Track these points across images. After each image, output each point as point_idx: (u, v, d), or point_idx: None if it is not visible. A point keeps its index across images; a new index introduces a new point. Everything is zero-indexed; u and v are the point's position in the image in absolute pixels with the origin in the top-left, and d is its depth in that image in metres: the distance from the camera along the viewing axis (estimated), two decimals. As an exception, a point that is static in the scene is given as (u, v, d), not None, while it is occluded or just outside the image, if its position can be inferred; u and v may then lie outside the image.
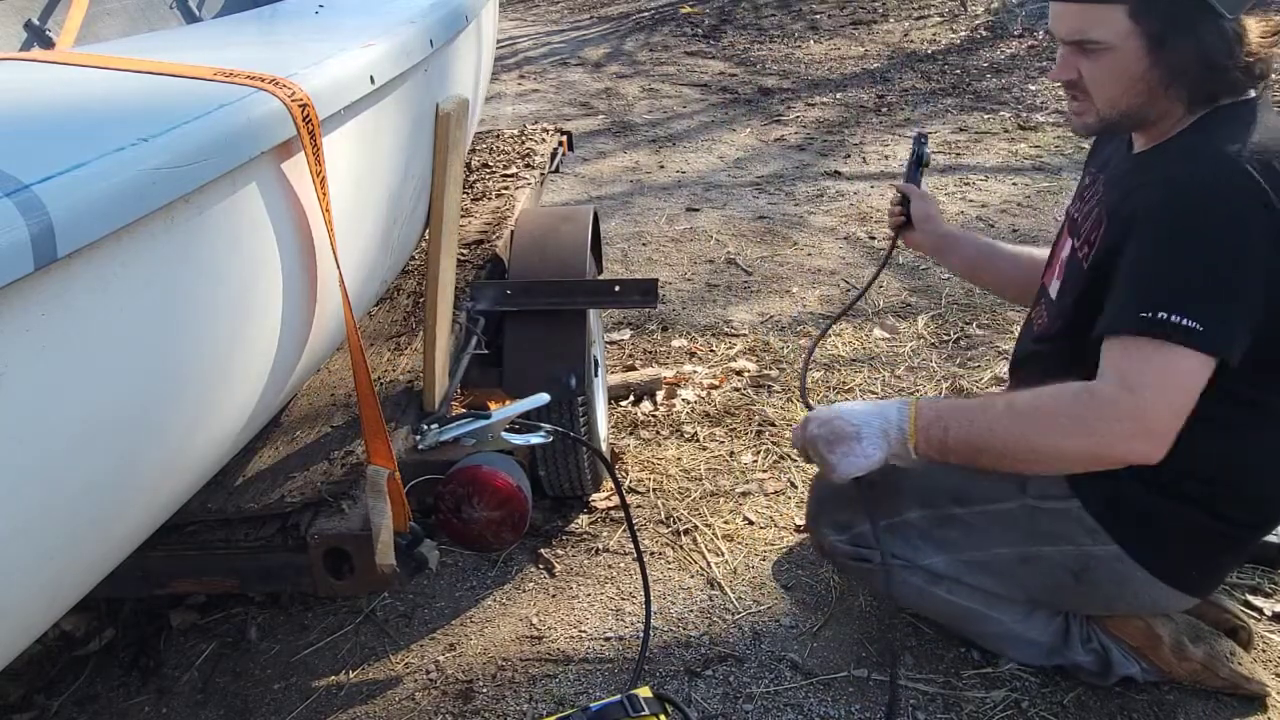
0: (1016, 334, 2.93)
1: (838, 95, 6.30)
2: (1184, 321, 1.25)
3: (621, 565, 2.04)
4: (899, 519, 1.59)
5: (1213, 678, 1.58)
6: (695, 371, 2.84)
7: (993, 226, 3.90)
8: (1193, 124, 1.40)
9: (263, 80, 1.14)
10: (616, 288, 2.02)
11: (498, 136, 3.21)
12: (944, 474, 1.54)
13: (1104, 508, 1.48)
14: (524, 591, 1.99)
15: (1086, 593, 1.54)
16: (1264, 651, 1.70)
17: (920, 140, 2.01)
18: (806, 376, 2.12)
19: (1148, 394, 1.28)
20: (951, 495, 1.56)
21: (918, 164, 2.01)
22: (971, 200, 4.24)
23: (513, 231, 2.24)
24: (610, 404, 2.62)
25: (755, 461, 2.38)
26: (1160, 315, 1.27)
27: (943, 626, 1.75)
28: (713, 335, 3.09)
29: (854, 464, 1.46)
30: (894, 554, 1.57)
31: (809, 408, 1.64)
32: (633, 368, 2.87)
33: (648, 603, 1.81)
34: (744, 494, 2.25)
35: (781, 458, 2.38)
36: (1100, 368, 1.33)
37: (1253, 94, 1.39)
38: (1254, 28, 1.33)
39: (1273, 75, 1.40)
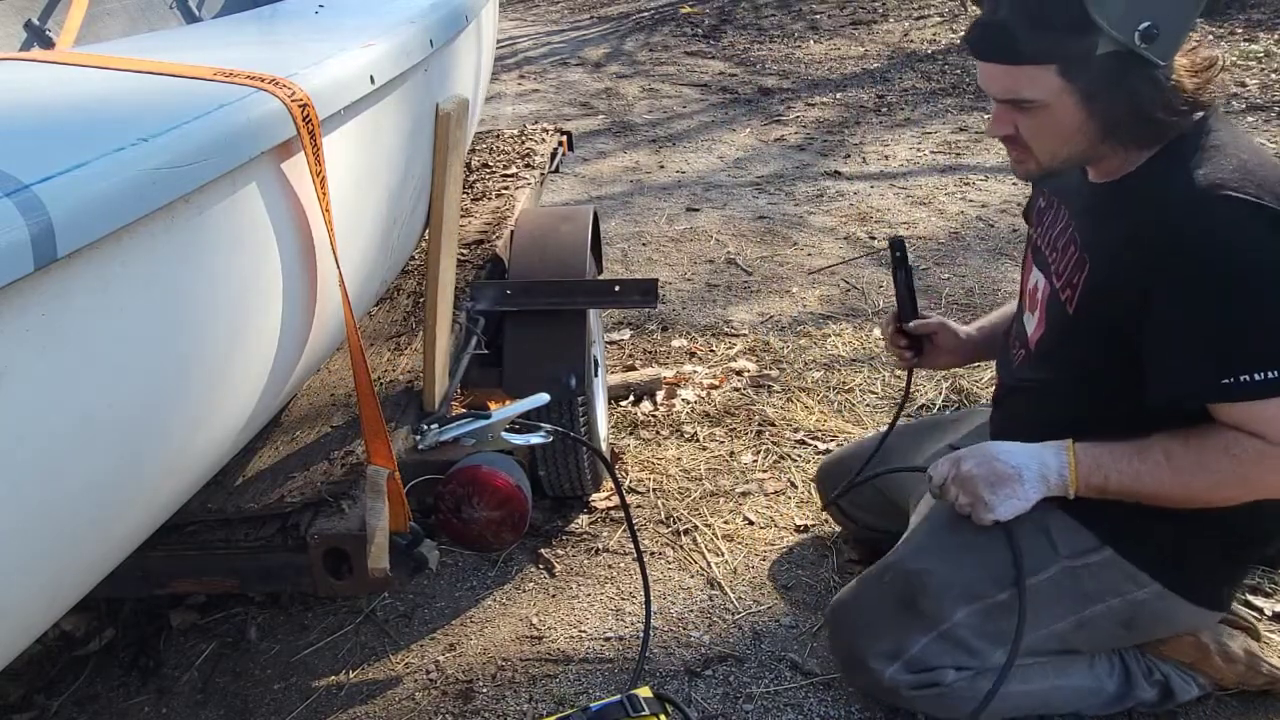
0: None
1: (838, 95, 6.30)
2: (1272, 374, 1.25)
3: (621, 565, 2.04)
4: (947, 625, 1.47)
5: (1256, 676, 1.59)
6: (695, 371, 2.84)
7: (993, 226, 3.90)
8: (1160, 157, 1.37)
9: (263, 80, 1.14)
10: (616, 288, 2.02)
11: (498, 136, 3.21)
12: (975, 561, 1.48)
13: (1139, 550, 1.46)
14: (524, 591, 1.99)
15: (1136, 637, 1.54)
16: (1265, 650, 1.71)
17: (897, 248, 1.80)
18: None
19: None
20: (992, 580, 1.47)
21: (907, 281, 1.80)
22: (971, 200, 4.24)
23: (513, 231, 2.24)
24: (610, 404, 2.62)
25: (755, 461, 2.38)
26: (1257, 376, 1.25)
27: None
28: (713, 335, 3.09)
29: (1015, 506, 1.44)
30: (958, 665, 1.48)
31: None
32: (633, 368, 2.88)
33: (648, 603, 1.81)
34: (744, 494, 2.25)
35: (781, 458, 2.38)
36: (1225, 424, 1.32)
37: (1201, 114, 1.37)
38: (1184, 67, 1.31)
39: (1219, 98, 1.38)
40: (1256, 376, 1.25)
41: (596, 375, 2.28)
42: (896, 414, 1.90)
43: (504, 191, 2.60)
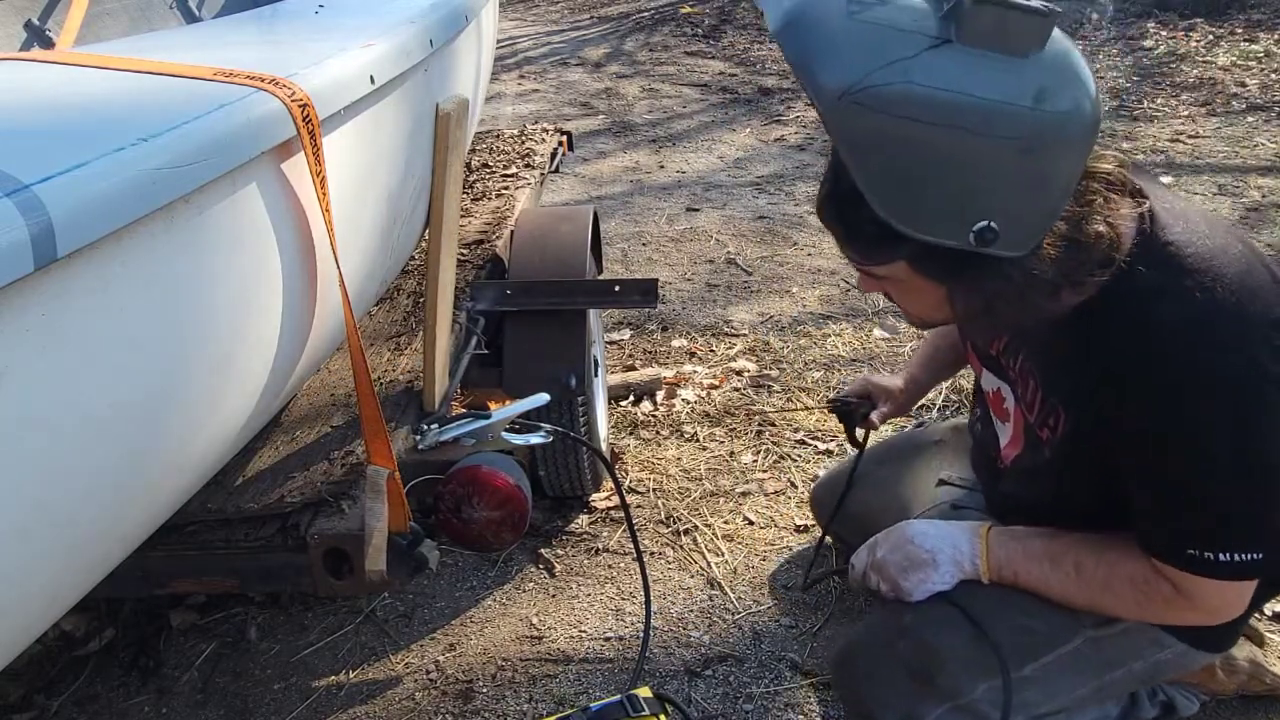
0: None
1: (838, 95, 6.29)
2: (1237, 557, 1.17)
3: (621, 565, 2.04)
4: (965, 700, 1.37)
5: (1258, 684, 1.59)
6: (695, 371, 2.84)
7: (993, 226, 3.90)
8: (1120, 284, 1.18)
9: (263, 80, 1.14)
10: (616, 288, 2.02)
11: (498, 136, 3.21)
12: (1002, 629, 1.38)
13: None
14: (524, 591, 1.99)
15: (1150, 684, 1.53)
16: (1269, 658, 1.70)
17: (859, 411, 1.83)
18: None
19: (1211, 605, 1.25)
20: (1014, 653, 1.38)
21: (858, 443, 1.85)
22: (971, 200, 4.23)
23: (513, 231, 2.24)
24: (610, 404, 2.62)
25: (755, 461, 2.38)
26: (1207, 555, 1.18)
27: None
28: (713, 335, 3.09)
29: (929, 590, 1.40)
30: None
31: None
32: (633, 368, 2.88)
33: (648, 603, 1.81)
34: (744, 494, 2.25)
35: (781, 458, 2.38)
36: (1158, 560, 1.25)
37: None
38: (1064, 239, 1.12)
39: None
40: (1225, 557, 1.17)
41: (596, 375, 2.28)
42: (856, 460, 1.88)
43: (504, 191, 2.60)
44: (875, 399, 1.87)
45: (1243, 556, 1.17)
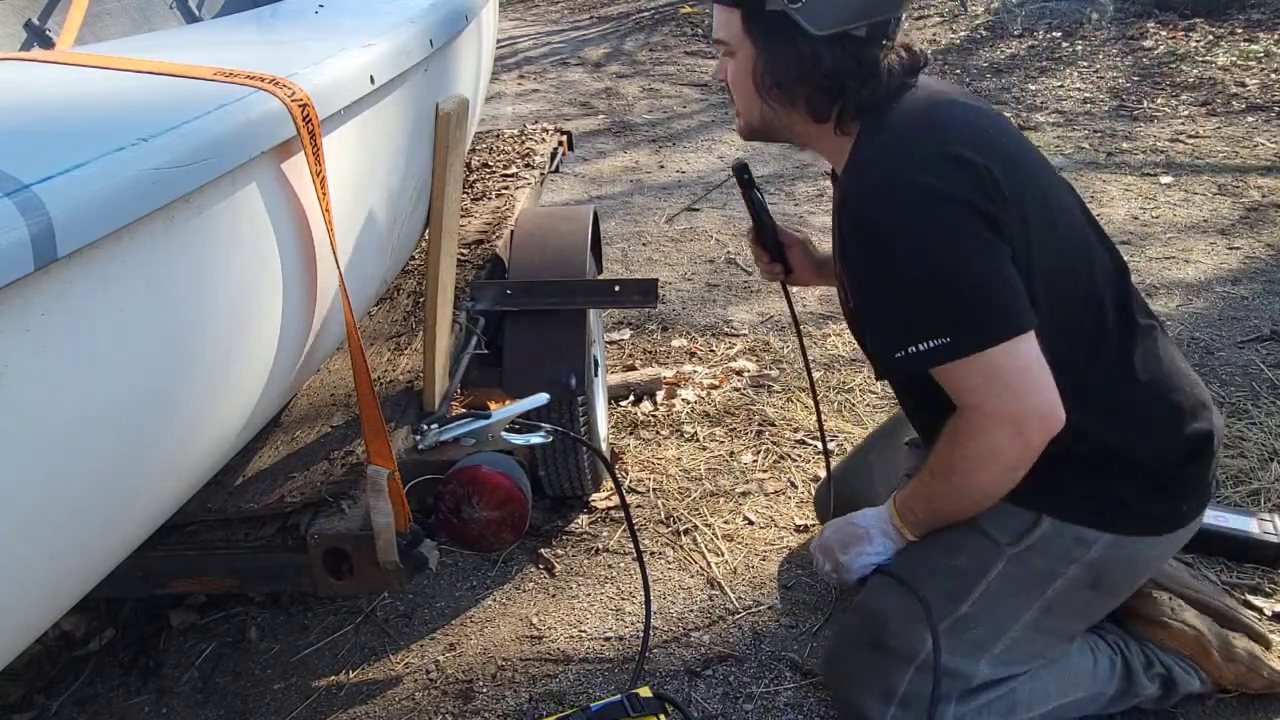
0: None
1: (838, 95, 6.29)
2: (930, 344, 1.30)
3: (621, 565, 2.04)
4: (923, 656, 1.44)
5: (1256, 678, 1.58)
6: (695, 371, 2.84)
7: (993, 226, 3.90)
8: (859, 137, 1.40)
9: (263, 80, 1.14)
10: (616, 288, 2.02)
11: (498, 136, 3.21)
12: (928, 577, 1.47)
13: (1070, 507, 1.45)
14: (524, 591, 1.99)
15: (1111, 597, 1.52)
16: (1269, 655, 1.70)
17: (742, 172, 1.81)
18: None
19: (983, 403, 1.32)
20: (949, 595, 1.46)
21: (759, 201, 1.84)
22: (971, 200, 4.23)
23: (513, 231, 2.24)
24: (610, 404, 2.62)
25: (755, 461, 2.38)
26: (909, 350, 1.31)
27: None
28: (713, 335, 3.09)
29: (866, 562, 1.53)
30: (953, 694, 1.46)
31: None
32: (633, 368, 2.88)
33: (648, 603, 1.81)
34: (744, 494, 2.25)
35: (781, 458, 2.38)
36: (879, 369, 1.44)
37: (911, 82, 1.41)
38: (856, 42, 1.35)
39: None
40: (921, 347, 1.30)
41: (596, 375, 2.28)
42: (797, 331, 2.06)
43: (504, 191, 2.60)
44: (791, 247, 1.92)
45: (932, 344, 1.29)
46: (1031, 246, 1.34)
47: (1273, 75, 5.70)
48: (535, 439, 1.59)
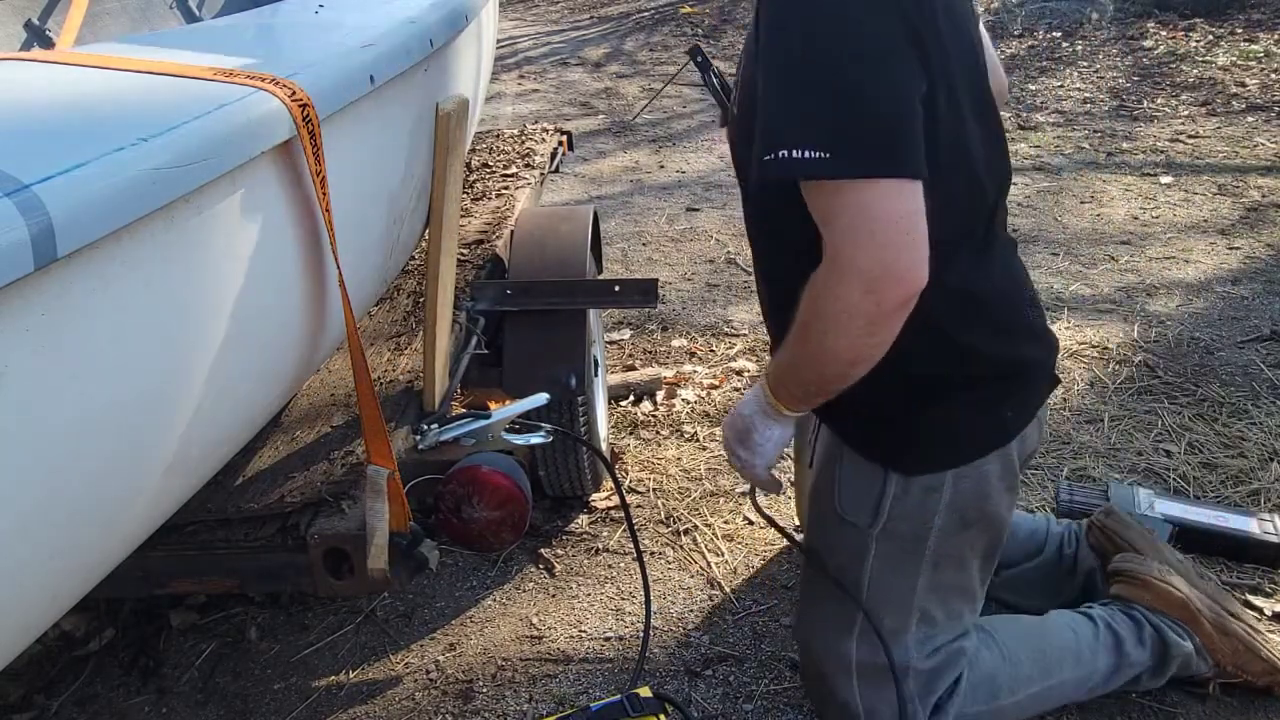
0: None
1: (838, 95, 6.29)
2: (805, 154, 1.10)
3: (621, 565, 2.04)
4: (850, 664, 1.47)
5: (1254, 660, 1.57)
6: (695, 371, 2.84)
7: (993, 226, 3.90)
8: None
9: (263, 80, 1.14)
10: (616, 288, 2.02)
11: (498, 136, 3.21)
12: (825, 600, 1.49)
13: (909, 457, 1.41)
14: (524, 591, 1.99)
15: (985, 525, 1.45)
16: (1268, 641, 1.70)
17: (696, 54, 1.69)
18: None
19: (843, 225, 1.13)
20: (837, 610, 1.48)
21: (717, 79, 1.68)
22: (971, 200, 4.23)
23: (513, 231, 2.24)
24: (610, 404, 2.62)
25: (755, 461, 2.38)
26: (780, 154, 1.11)
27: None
28: (713, 335, 3.09)
29: (767, 450, 1.42)
30: (909, 695, 1.45)
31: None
32: (633, 368, 2.88)
33: (648, 603, 1.81)
34: (744, 494, 2.25)
35: (782, 458, 2.38)
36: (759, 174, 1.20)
37: None
38: None
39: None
40: (796, 154, 1.10)
41: (596, 375, 2.28)
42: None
43: (504, 191, 2.60)
44: None
45: (810, 154, 1.09)
46: (939, 100, 1.18)
47: (1273, 75, 5.70)
48: (535, 439, 1.59)
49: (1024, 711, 1.54)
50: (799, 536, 1.91)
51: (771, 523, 1.70)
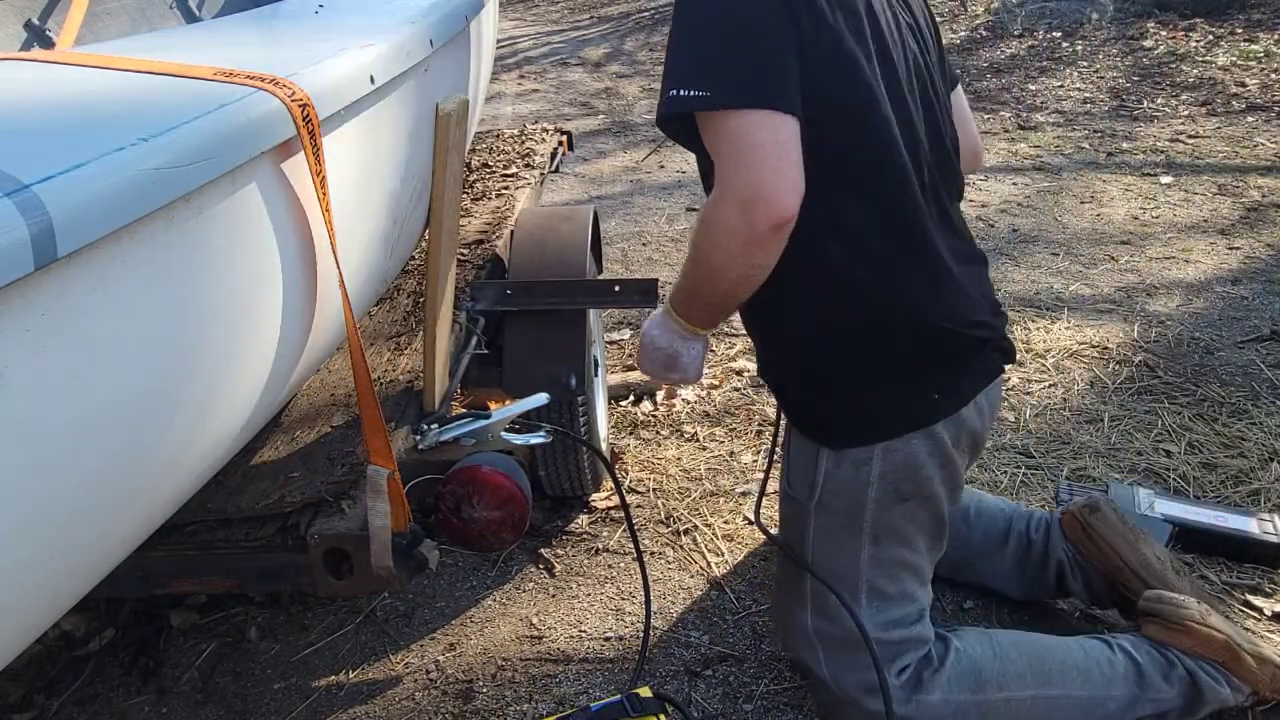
0: (1015, 333, 2.93)
1: (838, 95, 6.29)
2: (688, 92, 1.26)
3: (621, 565, 2.04)
4: (811, 635, 1.54)
5: None
6: (695, 371, 2.83)
7: (993, 226, 3.90)
8: None
9: (263, 80, 1.14)
10: (616, 288, 2.02)
11: (498, 136, 3.21)
12: (784, 573, 1.61)
13: (834, 431, 1.47)
14: (524, 591, 1.99)
15: (923, 498, 1.48)
16: None
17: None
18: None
19: (723, 172, 1.28)
20: (795, 573, 1.56)
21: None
22: (972, 200, 4.23)
23: (513, 231, 2.24)
24: (610, 404, 2.62)
25: (755, 461, 2.38)
26: (670, 94, 1.27)
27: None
28: (712, 335, 3.09)
29: (692, 365, 1.52)
30: (880, 662, 1.49)
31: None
32: (633, 368, 2.87)
33: (648, 603, 1.81)
34: (744, 494, 2.25)
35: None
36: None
37: None
38: None
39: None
40: (684, 92, 1.26)
41: (596, 375, 2.28)
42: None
43: (504, 191, 2.60)
44: None
45: (695, 92, 1.26)
46: (814, 55, 1.29)
47: (1273, 75, 5.70)
48: (535, 439, 1.59)
49: (1021, 717, 1.51)
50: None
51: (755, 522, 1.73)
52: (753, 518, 2.00)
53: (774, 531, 1.83)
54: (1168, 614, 1.55)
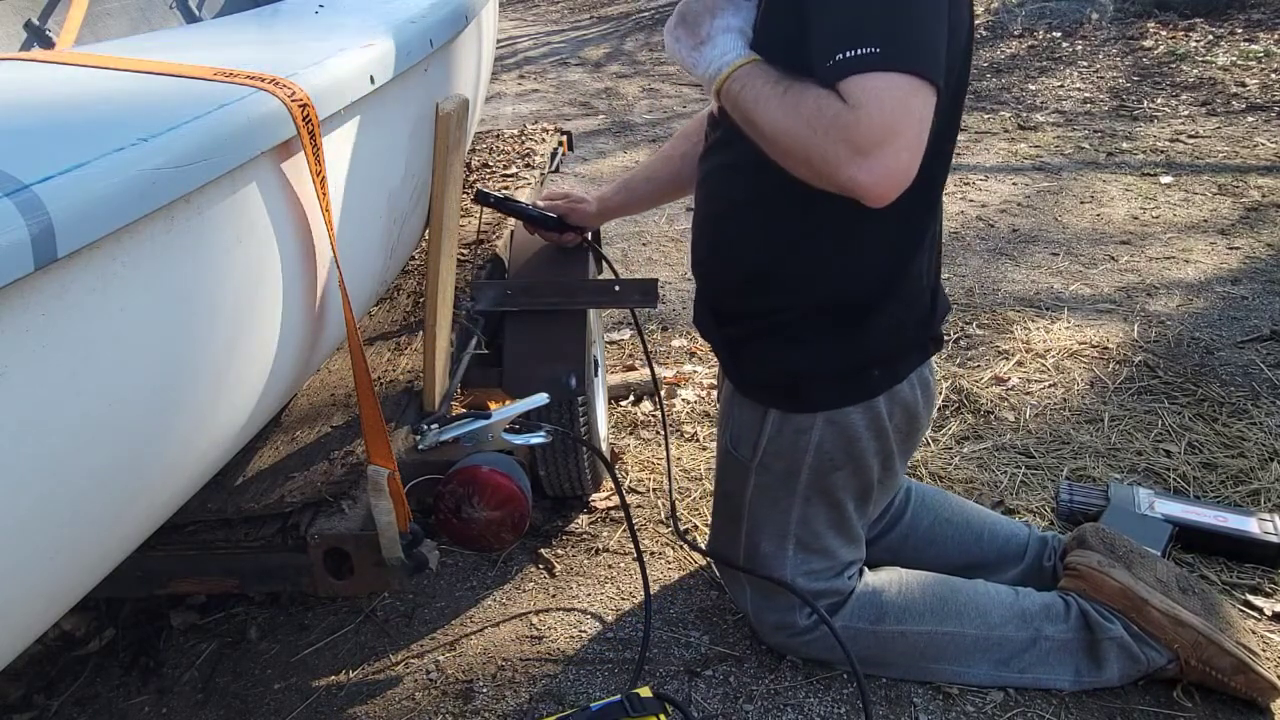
0: (1015, 333, 2.93)
1: (838, 95, 6.29)
2: (861, 51, 1.22)
3: (621, 565, 2.04)
4: (740, 578, 1.71)
5: (1221, 655, 1.55)
6: (695, 371, 2.84)
7: (993, 226, 3.90)
8: None
9: (263, 80, 1.14)
10: (616, 288, 2.02)
11: (498, 136, 3.21)
12: (719, 518, 1.76)
13: (779, 396, 1.57)
14: (524, 591, 1.99)
15: (855, 467, 1.59)
16: (1264, 651, 1.70)
17: (484, 199, 2.07)
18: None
19: (871, 115, 1.21)
20: (729, 519, 1.69)
21: (516, 209, 2.05)
22: (972, 200, 4.24)
23: (513, 231, 2.24)
24: (610, 404, 2.62)
25: (755, 461, 2.37)
26: (843, 55, 1.23)
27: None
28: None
29: (713, 39, 1.42)
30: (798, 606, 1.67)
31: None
32: (633, 368, 2.87)
33: (648, 603, 1.81)
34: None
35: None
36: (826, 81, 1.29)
37: None
38: None
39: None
40: (850, 53, 1.22)
41: (596, 375, 2.28)
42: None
43: (504, 191, 2.60)
44: (567, 215, 2.05)
45: (864, 50, 1.21)
46: (949, 48, 1.29)
47: (1273, 75, 5.70)
48: (535, 439, 1.59)
49: (915, 652, 1.64)
50: None
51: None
52: (676, 533, 2.11)
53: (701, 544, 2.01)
54: (1070, 563, 1.70)
